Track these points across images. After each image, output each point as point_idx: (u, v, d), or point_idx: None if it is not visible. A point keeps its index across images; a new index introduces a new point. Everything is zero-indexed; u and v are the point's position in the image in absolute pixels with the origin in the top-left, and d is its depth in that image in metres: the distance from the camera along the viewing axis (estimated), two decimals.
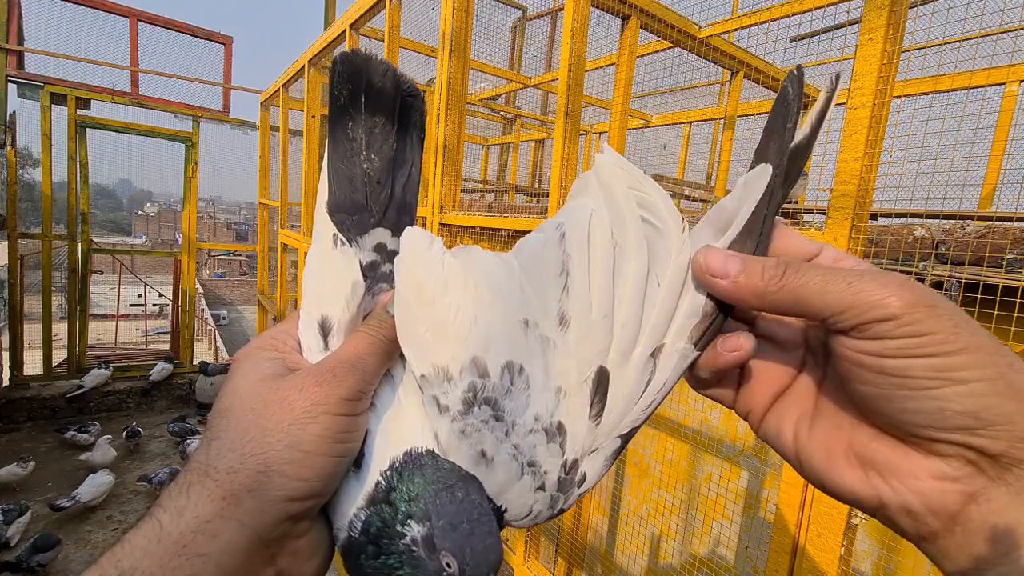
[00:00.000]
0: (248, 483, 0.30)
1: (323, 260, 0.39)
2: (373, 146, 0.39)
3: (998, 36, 3.01)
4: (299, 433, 0.31)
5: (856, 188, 1.19)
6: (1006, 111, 2.76)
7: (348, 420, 0.33)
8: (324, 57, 4.31)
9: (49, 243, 6.45)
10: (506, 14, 5.77)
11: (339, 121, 0.39)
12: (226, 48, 7.47)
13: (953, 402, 0.26)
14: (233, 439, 0.31)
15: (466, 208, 3.22)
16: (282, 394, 0.33)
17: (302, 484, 0.31)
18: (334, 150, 0.39)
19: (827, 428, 0.33)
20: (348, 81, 0.38)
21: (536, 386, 0.34)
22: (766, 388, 0.36)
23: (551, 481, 0.34)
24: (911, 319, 0.27)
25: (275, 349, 0.38)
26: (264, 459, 0.30)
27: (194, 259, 7.56)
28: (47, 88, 6.21)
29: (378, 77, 0.38)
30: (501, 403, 0.33)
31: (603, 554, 2.68)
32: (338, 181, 0.39)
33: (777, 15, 2.66)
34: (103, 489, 4.72)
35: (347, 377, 0.34)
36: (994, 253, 1.34)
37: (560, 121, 2.08)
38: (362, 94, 0.38)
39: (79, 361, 6.87)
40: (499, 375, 0.33)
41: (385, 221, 0.40)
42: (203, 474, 0.30)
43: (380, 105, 0.39)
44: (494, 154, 6.78)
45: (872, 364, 0.28)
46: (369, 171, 0.39)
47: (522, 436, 0.33)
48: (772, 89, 3.46)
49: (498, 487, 0.34)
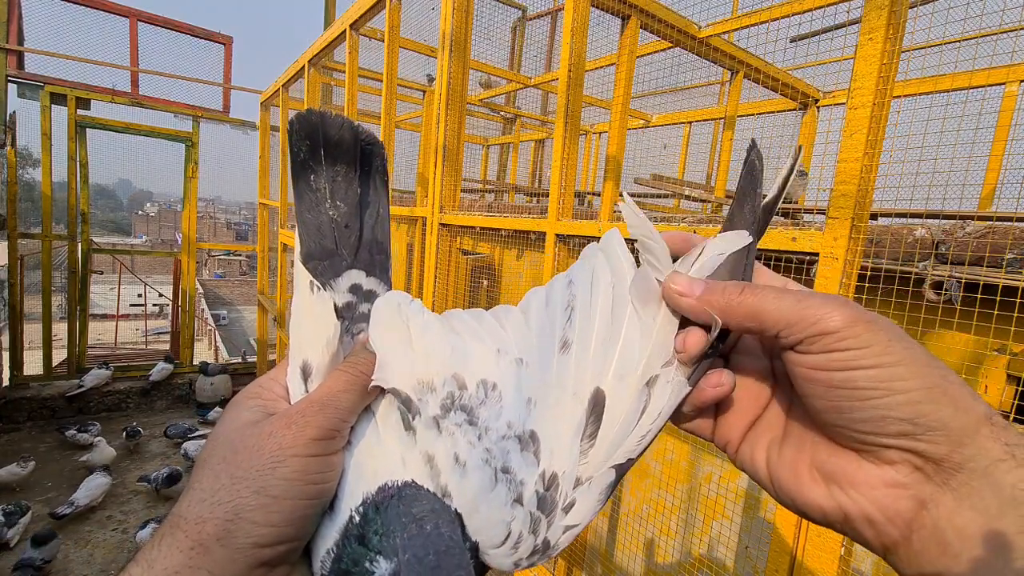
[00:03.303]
0: (216, 532, 0.30)
1: (302, 308, 0.40)
2: (337, 193, 0.41)
3: (998, 36, 3.01)
4: (267, 478, 0.31)
5: (856, 188, 1.19)
6: (1006, 111, 2.76)
7: (319, 461, 0.33)
8: (324, 57, 4.31)
9: (49, 243, 6.45)
10: (506, 14, 5.78)
11: (301, 175, 0.40)
12: (226, 48, 7.47)
13: (893, 410, 0.28)
14: (204, 489, 0.31)
15: (466, 208, 3.22)
16: (253, 440, 0.33)
17: (272, 530, 0.31)
18: (300, 202, 0.41)
19: (793, 449, 0.35)
20: (306, 138, 0.40)
21: (508, 400, 0.36)
22: (740, 419, 0.38)
23: (528, 494, 0.34)
24: (851, 333, 0.29)
25: (259, 397, 0.38)
26: (232, 507, 0.30)
27: (194, 259, 7.55)
28: (47, 88, 6.21)
29: (335, 130, 0.40)
30: (476, 411, 0.35)
31: (603, 554, 2.68)
32: (307, 231, 0.40)
33: (777, 15, 2.66)
34: (101, 490, 4.72)
35: (316, 417, 0.34)
36: (994, 253, 1.34)
37: (560, 121, 2.08)
38: (321, 147, 0.40)
39: (79, 361, 6.87)
40: (475, 388, 0.36)
41: (357, 263, 0.41)
42: (174, 525, 0.31)
43: (340, 155, 0.41)
44: (494, 154, 6.78)
45: (822, 378, 0.30)
46: (336, 217, 0.41)
47: (494, 441, 0.35)
48: (772, 89, 3.46)
49: (472, 496, 0.33)
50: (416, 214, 2.99)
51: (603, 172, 2.28)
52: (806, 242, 1.29)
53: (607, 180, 2.22)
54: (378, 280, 0.42)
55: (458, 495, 0.33)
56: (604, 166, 2.34)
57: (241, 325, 23.46)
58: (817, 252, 1.26)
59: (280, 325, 5.76)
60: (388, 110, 3.10)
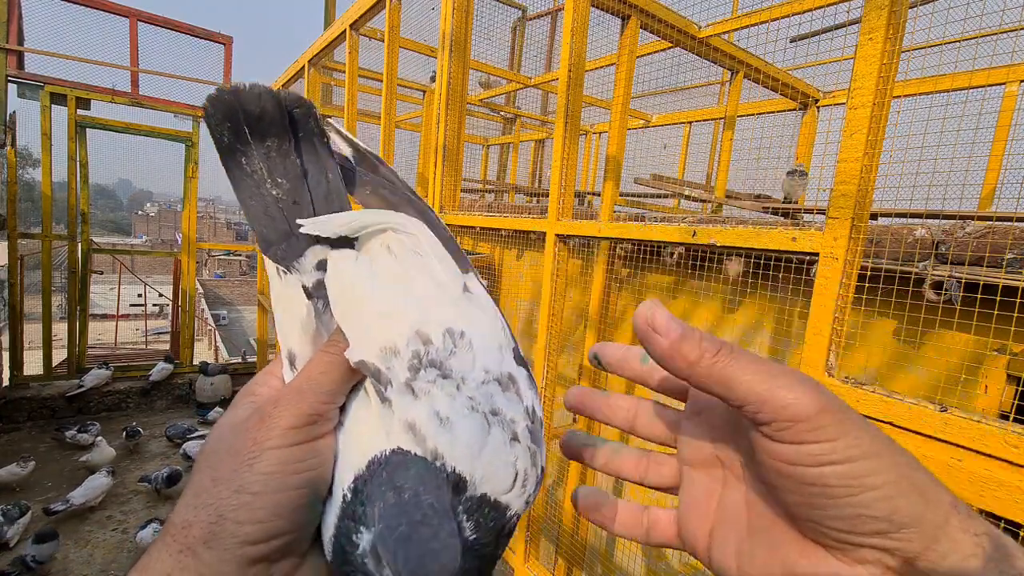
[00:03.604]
0: (202, 535, 0.30)
1: (276, 297, 0.39)
2: (276, 171, 0.38)
3: (998, 36, 3.01)
4: (245, 475, 0.31)
5: (856, 188, 1.19)
6: (1006, 111, 2.76)
7: (301, 449, 0.32)
8: (324, 57, 4.31)
9: (49, 243, 6.45)
10: (506, 14, 5.78)
11: (230, 161, 0.38)
12: (226, 48, 7.47)
13: (868, 507, 0.27)
14: (191, 493, 0.32)
15: (466, 208, 3.22)
16: (232, 440, 0.33)
17: (259, 527, 0.30)
18: (239, 190, 0.38)
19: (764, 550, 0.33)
20: (226, 119, 0.37)
21: (478, 345, 0.35)
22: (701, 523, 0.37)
23: (521, 430, 0.34)
24: (819, 423, 0.28)
25: (252, 394, 0.37)
26: (215, 509, 0.30)
27: (194, 259, 7.55)
28: (47, 88, 6.21)
29: (254, 103, 0.37)
30: (447, 363, 0.33)
31: (603, 554, 2.68)
32: (255, 218, 0.38)
33: (777, 15, 2.66)
34: (100, 491, 4.72)
35: (291, 404, 0.33)
36: (994, 253, 1.34)
37: (560, 121, 2.08)
38: (244, 126, 0.37)
39: (79, 361, 6.87)
40: (441, 340, 0.34)
41: (320, 239, 0.38)
42: (164, 532, 0.31)
43: (267, 128, 0.38)
44: (494, 154, 6.78)
45: (794, 473, 0.29)
46: (280, 196, 0.38)
47: (474, 388, 0.33)
48: (772, 89, 3.46)
49: (466, 446, 0.31)
50: None
51: (603, 172, 2.28)
52: (806, 242, 1.29)
53: (607, 180, 2.22)
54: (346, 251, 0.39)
55: (450, 453, 0.31)
56: (604, 166, 2.34)
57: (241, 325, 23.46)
58: (817, 252, 1.26)
59: None
60: (388, 110, 3.10)
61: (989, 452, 1.00)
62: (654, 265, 2.53)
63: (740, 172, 3.74)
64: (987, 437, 1.00)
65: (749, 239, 1.44)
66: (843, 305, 1.23)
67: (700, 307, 2.49)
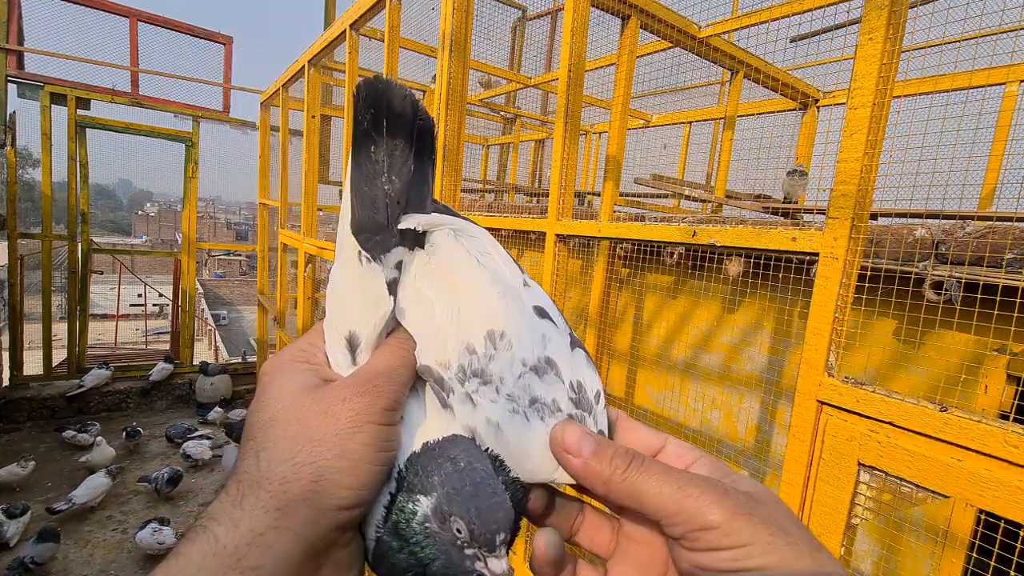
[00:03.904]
0: (302, 493, 0.30)
1: (348, 278, 0.40)
2: (394, 168, 0.40)
3: (998, 36, 3.01)
4: (347, 442, 0.32)
5: (856, 188, 1.18)
6: (1006, 111, 2.76)
7: (388, 429, 0.34)
8: (324, 57, 4.31)
9: (49, 243, 6.45)
10: (506, 14, 5.78)
11: (363, 144, 0.40)
12: (226, 48, 7.47)
13: None
14: (284, 449, 0.32)
15: (466, 208, 3.22)
16: (325, 404, 0.34)
17: (352, 493, 0.32)
18: (358, 172, 0.40)
19: None
20: (371, 106, 0.39)
21: (517, 340, 0.38)
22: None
23: (564, 403, 0.37)
24: (731, 529, 0.29)
25: (307, 361, 0.38)
26: (315, 468, 0.31)
27: (194, 259, 7.55)
28: (47, 88, 6.21)
29: (398, 102, 0.40)
30: (487, 370, 0.36)
31: None
32: (362, 203, 0.40)
33: (777, 15, 2.66)
34: (100, 490, 4.72)
35: (386, 388, 0.35)
36: (994, 253, 1.34)
37: (560, 121, 2.08)
38: (384, 118, 0.40)
39: (79, 361, 6.87)
40: (483, 346, 0.37)
41: (405, 240, 0.41)
42: (255, 485, 0.30)
43: (400, 129, 0.40)
44: (494, 154, 6.78)
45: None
46: (390, 192, 0.40)
47: (512, 385, 0.37)
48: (772, 89, 3.46)
49: (516, 445, 0.35)
50: None
51: (603, 172, 2.28)
52: (806, 242, 1.29)
53: (607, 180, 2.22)
54: None
55: (505, 451, 0.36)
56: (604, 166, 2.34)
57: (241, 325, 23.46)
58: (817, 252, 1.26)
59: (280, 325, 5.76)
60: None
61: (989, 452, 1.00)
62: (654, 265, 2.53)
63: (740, 172, 3.74)
64: (987, 437, 1.00)
65: (749, 239, 1.44)
66: (843, 305, 1.23)
67: (700, 307, 2.49)
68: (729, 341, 2.36)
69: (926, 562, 1.50)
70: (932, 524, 1.49)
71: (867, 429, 1.18)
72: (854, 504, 1.22)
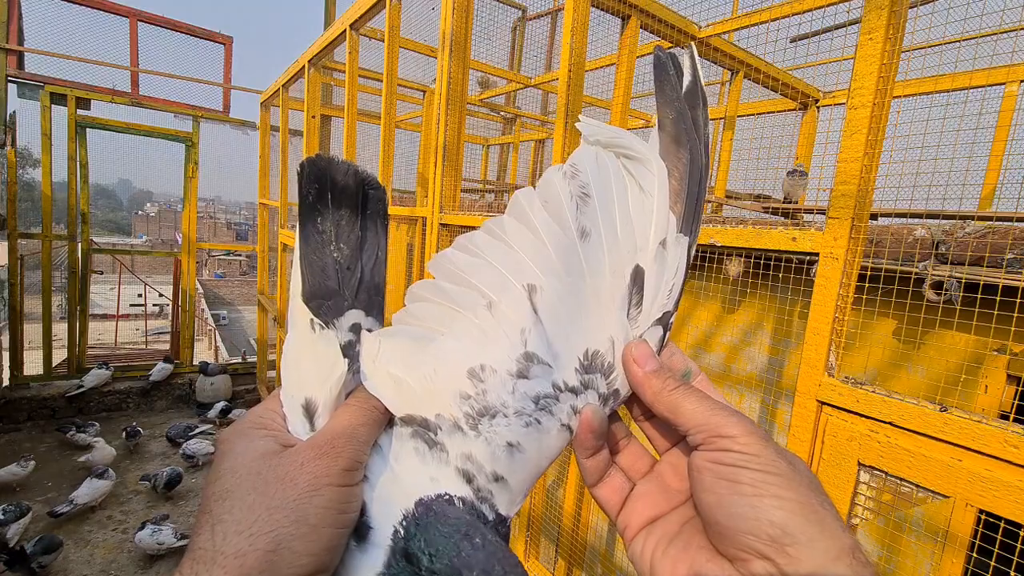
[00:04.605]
0: (259, 565, 0.29)
1: (301, 345, 0.41)
2: (342, 236, 0.43)
3: (998, 36, 3.01)
4: (305, 507, 0.31)
5: (856, 188, 1.19)
6: (1006, 111, 2.76)
7: (348, 491, 0.34)
8: (324, 57, 4.31)
9: (49, 243, 6.45)
10: (506, 14, 5.78)
11: (309, 217, 0.42)
12: (226, 48, 7.47)
13: (767, 512, 0.30)
14: (239, 520, 0.31)
15: (466, 208, 3.22)
16: (283, 470, 0.33)
17: (311, 559, 0.31)
18: (306, 244, 0.42)
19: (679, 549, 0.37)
20: (315, 181, 0.42)
21: (499, 362, 0.38)
22: (646, 509, 0.41)
23: (572, 380, 0.38)
24: (745, 441, 0.33)
25: (265, 427, 0.38)
26: (273, 537, 0.30)
27: (194, 259, 7.55)
28: (47, 88, 6.21)
29: (341, 175, 0.42)
30: (483, 402, 0.37)
31: (603, 554, 2.68)
32: (312, 271, 0.42)
33: (777, 15, 2.66)
34: (101, 491, 4.72)
35: (345, 448, 0.35)
36: (994, 253, 1.34)
37: (560, 121, 2.08)
38: (328, 191, 0.42)
39: (79, 361, 6.87)
40: (472, 388, 0.37)
41: (358, 303, 0.43)
42: (210, 562, 0.30)
43: (344, 199, 0.43)
44: (494, 154, 6.78)
45: (712, 469, 0.34)
46: (339, 259, 0.43)
47: (518, 401, 0.37)
48: (772, 89, 3.46)
49: (535, 454, 0.37)
50: (416, 214, 2.99)
51: None
52: (806, 242, 1.29)
53: None
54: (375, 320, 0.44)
55: (510, 472, 0.37)
56: None
57: (241, 325, 23.46)
58: (817, 252, 1.26)
59: (280, 325, 5.76)
60: (388, 110, 3.10)
61: (989, 452, 1.00)
62: None
63: (740, 172, 3.74)
64: (987, 437, 1.00)
65: (749, 239, 1.44)
66: (843, 305, 1.23)
67: (700, 307, 2.49)
68: (729, 341, 2.36)
69: (926, 562, 1.50)
70: (932, 524, 1.49)
71: (867, 429, 1.18)
72: (854, 504, 1.22)
